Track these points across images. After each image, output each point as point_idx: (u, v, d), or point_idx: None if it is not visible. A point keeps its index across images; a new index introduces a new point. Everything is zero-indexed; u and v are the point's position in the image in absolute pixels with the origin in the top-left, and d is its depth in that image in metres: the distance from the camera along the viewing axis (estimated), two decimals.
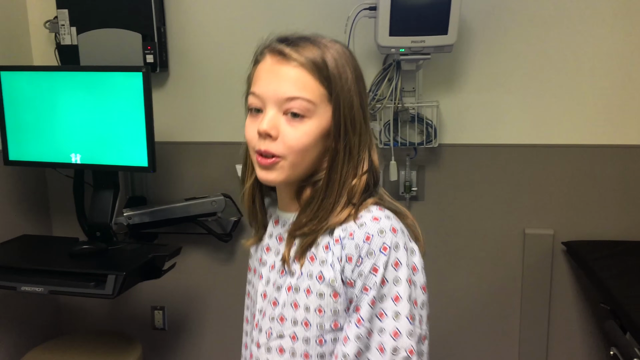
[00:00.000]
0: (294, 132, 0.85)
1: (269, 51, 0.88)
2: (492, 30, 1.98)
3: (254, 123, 0.87)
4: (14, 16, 2.17)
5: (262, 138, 0.85)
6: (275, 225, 0.97)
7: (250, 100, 0.88)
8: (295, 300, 0.89)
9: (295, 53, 0.85)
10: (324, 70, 0.85)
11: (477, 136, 2.06)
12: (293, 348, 0.89)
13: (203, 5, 2.10)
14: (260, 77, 0.87)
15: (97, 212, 1.98)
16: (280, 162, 0.85)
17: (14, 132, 1.95)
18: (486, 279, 2.15)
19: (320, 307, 0.87)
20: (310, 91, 0.85)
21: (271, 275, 0.95)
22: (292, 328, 0.89)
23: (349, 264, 0.86)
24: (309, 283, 0.88)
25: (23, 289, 1.71)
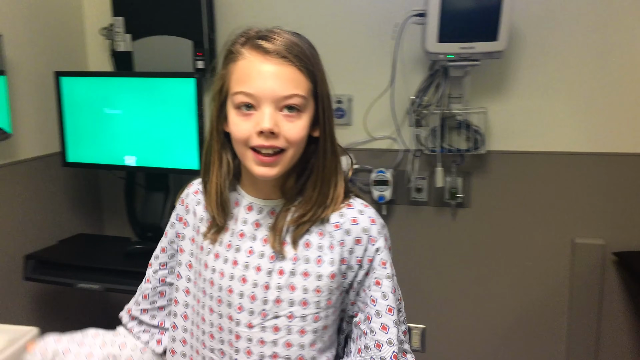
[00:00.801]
0: (293, 126, 0.90)
1: (251, 48, 0.90)
2: (543, 35, 1.95)
3: (246, 120, 0.90)
4: (72, 23, 2.26)
5: (265, 136, 0.88)
6: (248, 211, 0.99)
7: (241, 98, 0.89)
8: (291, 283, 0.96)
9: (284, 51, 0.89)
10: (309, 66, 0.91)
11: (526, 143, 2.03)
12: (289, 326, 0.96)
13: (251, 12, 2.15)
14: (249, 75, 0.89)
15: (149, 213, 2.04)
16: (281, 157, 0.91)
17: (71, 135, 2.03)
18: (533, 289, 2.11)
19: (318, 288, 0.96)
20: (302, 87, 0.90)
21: (251, 260, 0.97)
22: (289, 308, 0.96)
23: (358, 245, 0.96)
24: (306, 267, 0.96)
25: (80, 286, 1.78)
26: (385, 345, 0.97)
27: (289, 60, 0.89)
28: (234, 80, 0.91)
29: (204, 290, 1.00)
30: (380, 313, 0.98)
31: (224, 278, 0.98)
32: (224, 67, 0.94)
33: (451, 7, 1.75)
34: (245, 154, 0.91)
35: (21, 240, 1.98)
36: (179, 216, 1.07)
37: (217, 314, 0.99)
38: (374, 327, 0.97)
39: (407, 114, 2.05)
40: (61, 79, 2.00)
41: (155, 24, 2.11)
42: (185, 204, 1.06)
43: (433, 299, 2.20)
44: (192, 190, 1.07)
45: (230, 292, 0.97)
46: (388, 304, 0.98)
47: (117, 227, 2.41)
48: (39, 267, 1.87)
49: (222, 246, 1.00)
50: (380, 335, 0.97)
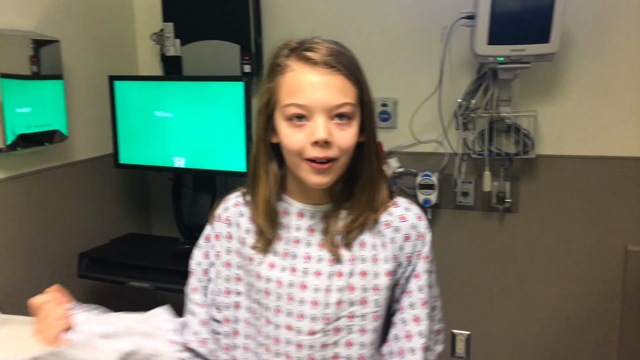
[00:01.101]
0: (345, 135, 0.92)
1: (297, 59, 0.91)
2: (595, 37, 1.90)
3: (299, 132, 0.91)
4: (124, 29, 2.33)
5: (320, 146, 0.90)
6: (300, 218, 1.00)
7: (292, 110, 0.91)
8: (350, 283, 0.97)
9: (332, 60, 0.90)
10: (355, 73, 0.93)
11: (577, 148, 1.98)
12: (350, 325, 0.97)
13: (296, 16, 2.17)
14: (299, 86, 0.90)
15: (196, 214, 2.08)
16: (334, 164, 0.92)
17: (123, 137, 2.09)
18: (582, 298, 2.06)
19: (376, 286, 0.98)
20: (351, 95, 0.92)
21: (310, 266, 0.98)
22: (350, 308, 0.97)
23: (408, 242, 1.00)
24: (363, 266, 0.98)
25: (132, 284, 1.83)
26: (415, 337, 0.99)
27: (337, 69, 0.90)
28: (284, 93, 0.92)
29: (259, 302, 1.00)
30: (414, 305, 1.00)
31: (282, 286, 0.98)
32: (270, 80, 0.95)
33: (502, 8, 1.73)
34: (299, 164, 0.93)
35: (75, 238, 2.04)
36: (216, 233, 1.06)
37: (274, 325, 0.99)
38: (406, 318, 1.00)
39: (454, 117, 2.03)
40: (115, 83, 2.06)
41: (204, 29, 2.16)
42: (225, 217, 1.05)
43: (478, 305, 2.17)
44: (232, 203, 1.06)
45: (291, 299, 0.98)
46: (423, 297, 1.00)
47: (163, 227, 2.47)
48: (92, 265, 1.93)
49: (277, 255, 1.00)
50: (412, 326, 1.00)
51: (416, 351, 0.99)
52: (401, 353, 1.00)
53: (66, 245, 2.00)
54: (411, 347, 0.99)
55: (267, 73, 0.97)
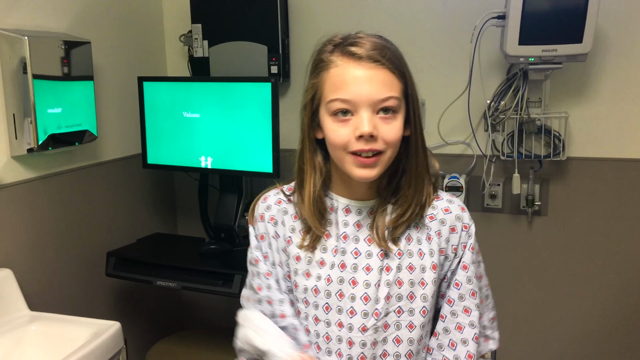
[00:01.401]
0: (390, 128, 0.91)
1: (341, 54, 0.92)
2: (629, 37, 1.86)
3: (344, 126, 0.91)
4: (153, 31, 2.36)
5: (365, 139, 0.90)
6: (347, 213, 1.00)
7: (337, 105, 0.91)
8: (398, 278, 0.97)
9: (376, 54, 0.90)
10: (400, 67, 0.93)
11: (609, 150, 1.93)
12: (398, 321, 0.97)
13: (324, 17, 2.16)
14: (344, 81, 0.90)
15: (222, 215, 2.09)
16: (380, 158, 0.92)
17: (152, 138, 2.11)
18: (614, 305, 2.01)
19: (423, 280, 0.98)
20: (396, 88, 0.92)
21: (359, 261, 0.98)
22: (397, 303, 0.97)
23: (454, 234, 1.00)
24: (410, 260, 0.98)
25: (158, 284, 1.84)
26: (467, 328, 0.99)
27: (381, 63, 0.90)
28: (328, 88, 0.93)
29: (306, 301, 1.00)
30: (463, 297, 1.00)
31: (331, 283, 0.98)
32: (314, 77, 0.96)
33: (533, 8, 1.70)
34: (345, 158, 0.93)
35: (103, 237, 2.07)
36: (260, 234, 1.05)
37: (324, 322, 0.99)
38: (456, 310, 1.00)
39: (483, 119, 2.00)
40: (144, 83, 2.08)
41: (231, 30, 2.17)
42: (269, 216, 1.04)
43: (506, 310, 2.13)
44: (273, 201, 1.05)
45: (341, 296, 0.98)
46: (471, 288, 1.00)
47: (189, 227, 2.48)
48: (119, 264, 1.95)
49: (327, 252, 1.00)
50: (463, 317, 1.00)
51: (468, 342, 0.99)
52: (452, 345, 1.00)
53: (94, 244, 2.03)
54: (463, 338, 0.99)
55: (311, 69, 0.98)
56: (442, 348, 1.00)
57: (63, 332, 1.52)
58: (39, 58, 1.69)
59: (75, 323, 1.54)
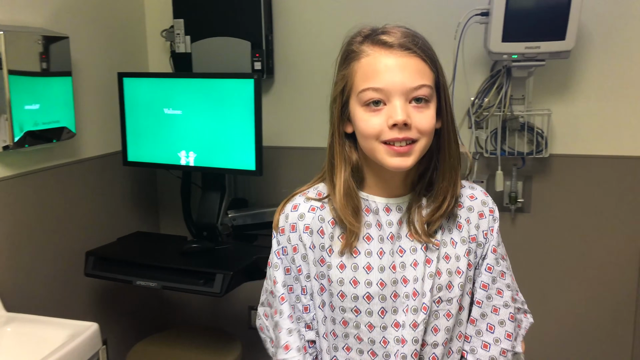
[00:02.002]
0: (423, 117, 0.90)
1: (372, 44, 0.91)
2: (612, 34, 1.87)
3: (376, 116, 0.90)
4: (134, 26, 2.32)
5: (399, 128, 0.88)
6: (387, 213, 0.98)
7: (370, 94, 0.90)
8: (438, 269, 0.96)
9: (408, 42, 0.90)
10: (431, 56, 0.92)
11: (592, 147, 1.94)
12: (437, 310, 0.96)
13: (308, 13, 2.15)
14: (376, 70, 0.89)
15: (205, 213, 2.06)
16: (414, 147, 0.90)
17: (132, 135, 2.07)
18: (596, 300, 2.02)
19: (459, 269, 0.97)
20: (428, 77, 0.90)
21: (406, 259, 0.97)
22: (437, 294, 0.96)
23: (482, 219, 1.00)
24: (445, 250, 0.98)
25: (138, 283, 1.81)
26: (502, 309, 1.00)
27: (413, 51, 0.89)
28: (360, 78, 0.91)
29: (357, 309, 0.96)
30: (495, 279, 1.00)
31: (385, 287, 0.95)
32: (344, 68, 0.94)
33: (517, 5, 1.70)
34: (377, 148, 0.91)
35: (82, 236, 2.03)
36: (292, 246, 1.00)
37: (380, 327, 0.96)
38: (490, 294, 1.00)
39: (467, 116, 2.00)
40: (124, 80, 2.04)
41: (214, 25, 2.14)
42: (304, 226, 0.99)
43: None
44: (305, 209, 1.00)
45: (396, 297, 0.96)
46: (501, 269, 1.01)
47: (172, 225, 2.45)
48: (98, 264, 1.91)
49: (372, 255, 0.97)
50: (497, 300, 1.00)
51: (505, 322, 0.99)
52: (490, 329, 0.99)
53: (73, 243, 1.99)
54: (500, 319, 0.99)
55: (340, 61, 0.96)
56: (481, 334, 0.99)
57: (40, 334, 1.48)
58: (15, 53, 1.64)
59: (52, 324, 1.51)
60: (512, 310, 1.00)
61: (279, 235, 1.02)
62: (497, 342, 0.99)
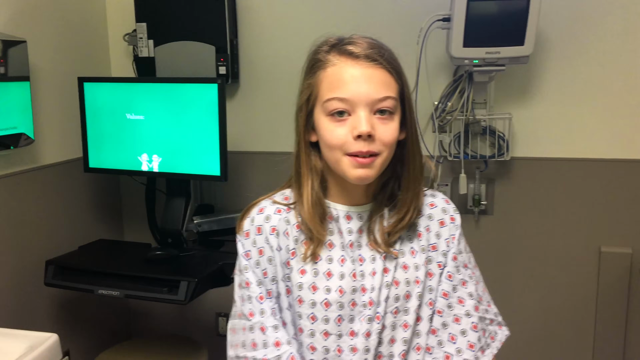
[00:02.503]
0: (387, 129, 0.90)
1: (339, 53, 0.91)
2: (569, 40, 1.92)
3: (341, 126, 0.90)
4: (95, 30, 2.28)
5: (363, 139, 0.88)
6: (348, 220, 0.98)
7: (334, 104, 0.89)
8: (395, 278, 0.96)
9: (374, 54, 0.90)
10: (397, 68, 0.92)
11: (551, 150, 1.99)
12: (394, 323, 0.95)
13: (274, 17, 2.14)
14: (341, 80, 0.90)
15: (169, 219, 2.03)
16: (377, 159, 0.90)
17: (93, 141, 2.03)
18: (558, 299, 2.07)
19: (417, 278, 0.97)
20: (393, 89, 0.91)
21: (365, 268, 0.96)
22: (394, 304, 0.95)
23: (443, 227, 1.00)
24: (403, 260, 0.97)
25: (100, 292, 1.77)
26: (464, 318, 0.98)
27: (379, 62, 0.89)
28: (325, 87, 0.91)
29: (313, 316, 0.95)
30: (456, 288, 0.99)
31: (344, 294, 0.95)
32: (310, 77, 0.94)
33: (477, 11, 1.73)
34: (341, 159, 0.90)
35: (42, 245, 1.98)
36: (258, 249, 0.99)
37: (336, 335, 0.95)
38: (451, 302, 0.98)
39: (431, 120, 2.03)
40: (84, 84, 2.00)
41: (178, 29, 2.12)
42: (270, 227, 0.99)
43: None
44: (272, 211, 1.00)
45: (354, 305, 0.95)
46: (462, 277, 1.00)
47: (136, 232, 2.41)
48: (59, 273, 1.87)
49: (333, 262, 0.96)
50: (458, 309, 0.98)
51: (468, 332, 0.97)
52: (452, 339, 0.97)
53: (32, 252, 1.94)
54: (461, 329, 0.97)
55: (306, 70, 0.95)
56: (442, 344, 0.97)
57: None
58: None
59: (9, 336, 1.46)
60: (475, 320, 0.98)
61: (243, 239, 1.01)
62: (459, 352, 0.97)
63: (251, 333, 0.97)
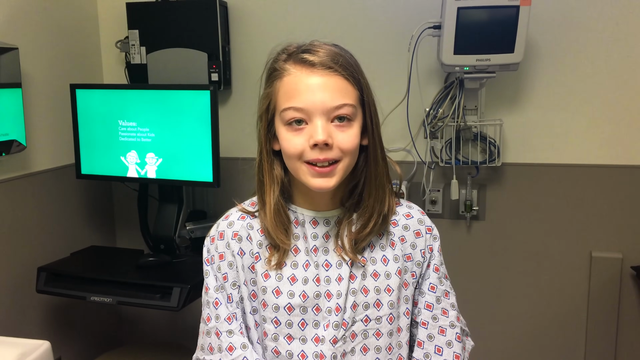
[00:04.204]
0: (346, 136, 0.90)
1: (295, 62, 0.91)
2: (559, 47, 1.94)
3: (298, 135, 0.90)
4: (87, 37, 2.28)
5: (320, 148, 0.88)
6: (314, 226, 0.98)
7: (291, 114, 0.89)
8: (364, 286, 0.96)
9: (330, 61, 0.89)
10: (355, 74, 0.91)
11: (542, 156, 2.01)
12: (365, 330, 0.95)
13: (266, 24, 2.15)
14: (297, 89, 0.89)
15: (162, 225, 2.03)
16: (337, 167, 0.90)
17: (86, 147, 2.03)
18: (549, 304, 2.08)
19: (388, 287, 0.96)
20: (351, 96, 0.90)
21: (331, 273, 0.96)
22: (364, 312, 0.95)
23: (419, 238, 1.00)
24: (374, 267, 0.97)
25: (92, 299, 1.77)
26: (448, 329, 0.99)
27: (335, 70, 0.89)
28: (282, 97, 0.91)
29: (277, 320, 0.95)
30: (440, 299, 1.01)
31: (307, 299, 0.95)
32: (268, 86, 0.94)
33: (467, 19, 1.75)
34: (300, 168, 0.91)
35: (34, 252, 1.97)
36: (219, 254, 0.99)
37: (299, 340, 0.95)
38: (436, 314, 0.99)
39: (422, 126, 2.04)
40: (77, 91, 2.00)
41: (170, 36, 2.12)
42: (232, 233, 0.99)
43: None
44: (235, 217, 1.01)
45: (318, 310, 0.95)
46: (444, 289, 1.02)
47: (129, 239, 2.40)
48: (51, 280, 1.86)
49: (298, 267, 0.96)
50: (443, 320, 1.00)
51: (453, 343, 0.99)
52: (439, 351, 0.99)
53: (24, 259, 1.93)
54: (447, 340, 0.99)
55: (265, 78, 0.95)
56: (429, 357, 0.99)
57: None
58: None
59: (1, 343, 1.45)
60: (459, 331, 1.00)
61: (208, 244, 1.02)
62: None
63: (208, 337, 0.98)
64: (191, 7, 2.09)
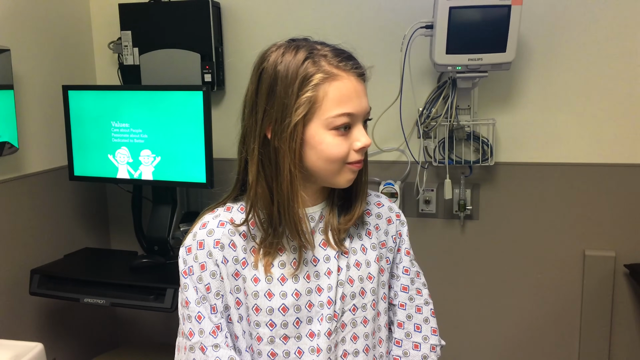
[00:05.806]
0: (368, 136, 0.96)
1: (351, 70, 0.91)
2: (551, 46, 1.95)
3: (345, 140, 0.91)
4: (80, 38, 2.27)
5: (363, 151, 0.94)
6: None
7: (343, 119, 0.89)
8: (349, 276, 0.99)
9: (362, 67, 0.94)
10: None
11: (534, 155, 2.01)
12: (353, 319, 0.99)
13: (259, 25, 2.15)
14: (349, 95, 0.90)
15: (155, 227, 2.03)
16: None
17: (78, 149, 2.03)
18: (543, 302, 2.09)
19: (370, 275, 1.01)
20: None
21: (320, 268, 0.98)
22: (351, 302, 0.99)
23: (391, 225, 1.06)
24: (355, 257, 1.01)
25: (86, 301, 1.76)
26: (424, 307, 1.08)
27: (365, 77, 0.95)
28: (331, 102, 0.89)
29: (272, 323, 0.94)
30: (414, 280, 1.08)
31: (300, 297, 0.95)
32: (309, 90, 0.88)
33: (459, 19, 1.75)
34: (341, 169, 0.93)
35: (27, 254, 1.97)
36: (200, 264, 0.94)
37: (294, 338, 0.95)
38: (412, 294, 1.06)
39: (416, 126, 2.04)
40: (69, 92, 2.00)
41: (163, 37, 2.12)
42: (214, 241, 0.94)
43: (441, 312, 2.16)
44: (215, 224, 0.96)
45: (310, 306, 0.96)
46: (416, 269, 1.09)
47: (123, 240, 2.40)
48: (44, 282, 1.86)
49: (286, 266, 0.96)
50: (418, 299, 1.07)
51: (429, 319, 1.08)
52: (418, 328, 1.06)
53: (17, 261, 1.92)
54: (424, 317, 1.07)
55: (299, 83, 0.88)
56: (410, 335, 1.06)
57: None
58: None
59: None
60: (432, 306, 1.08)
61: (185, 255, 0.97)
62: (425, 339, 1.06)
63: (192, 353, 0.94)
64: (184, 8, 2.08)
